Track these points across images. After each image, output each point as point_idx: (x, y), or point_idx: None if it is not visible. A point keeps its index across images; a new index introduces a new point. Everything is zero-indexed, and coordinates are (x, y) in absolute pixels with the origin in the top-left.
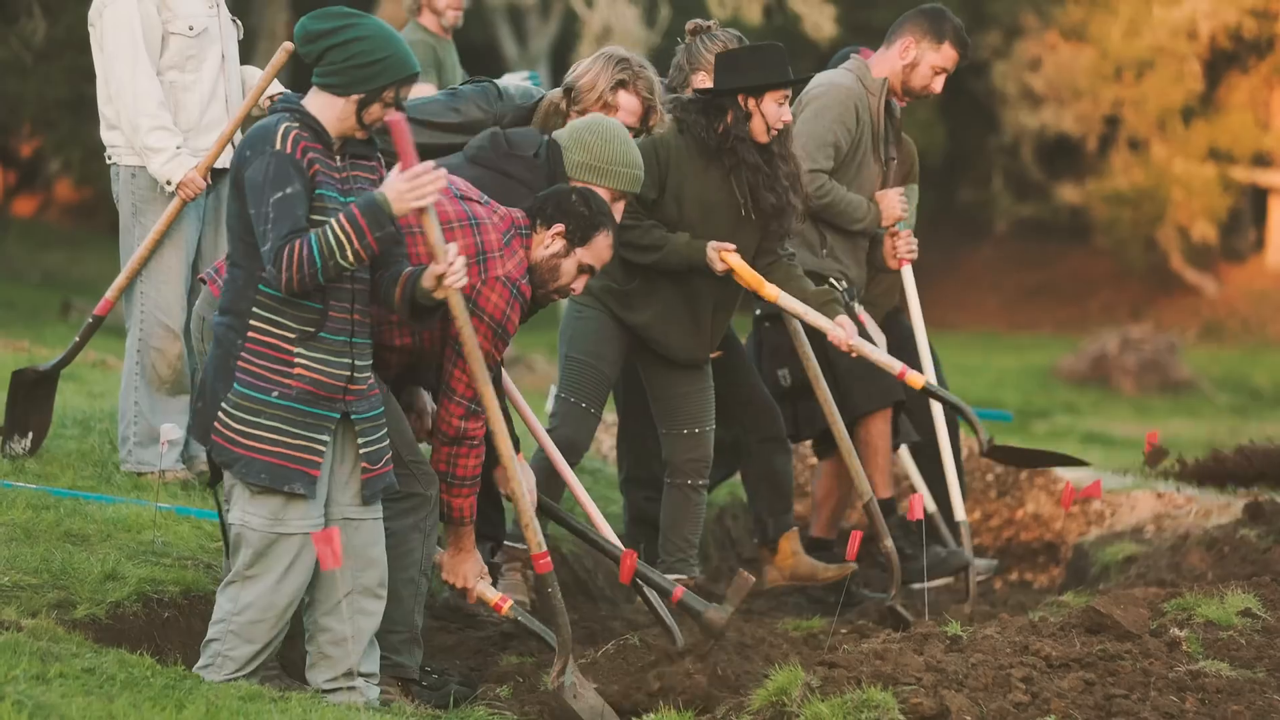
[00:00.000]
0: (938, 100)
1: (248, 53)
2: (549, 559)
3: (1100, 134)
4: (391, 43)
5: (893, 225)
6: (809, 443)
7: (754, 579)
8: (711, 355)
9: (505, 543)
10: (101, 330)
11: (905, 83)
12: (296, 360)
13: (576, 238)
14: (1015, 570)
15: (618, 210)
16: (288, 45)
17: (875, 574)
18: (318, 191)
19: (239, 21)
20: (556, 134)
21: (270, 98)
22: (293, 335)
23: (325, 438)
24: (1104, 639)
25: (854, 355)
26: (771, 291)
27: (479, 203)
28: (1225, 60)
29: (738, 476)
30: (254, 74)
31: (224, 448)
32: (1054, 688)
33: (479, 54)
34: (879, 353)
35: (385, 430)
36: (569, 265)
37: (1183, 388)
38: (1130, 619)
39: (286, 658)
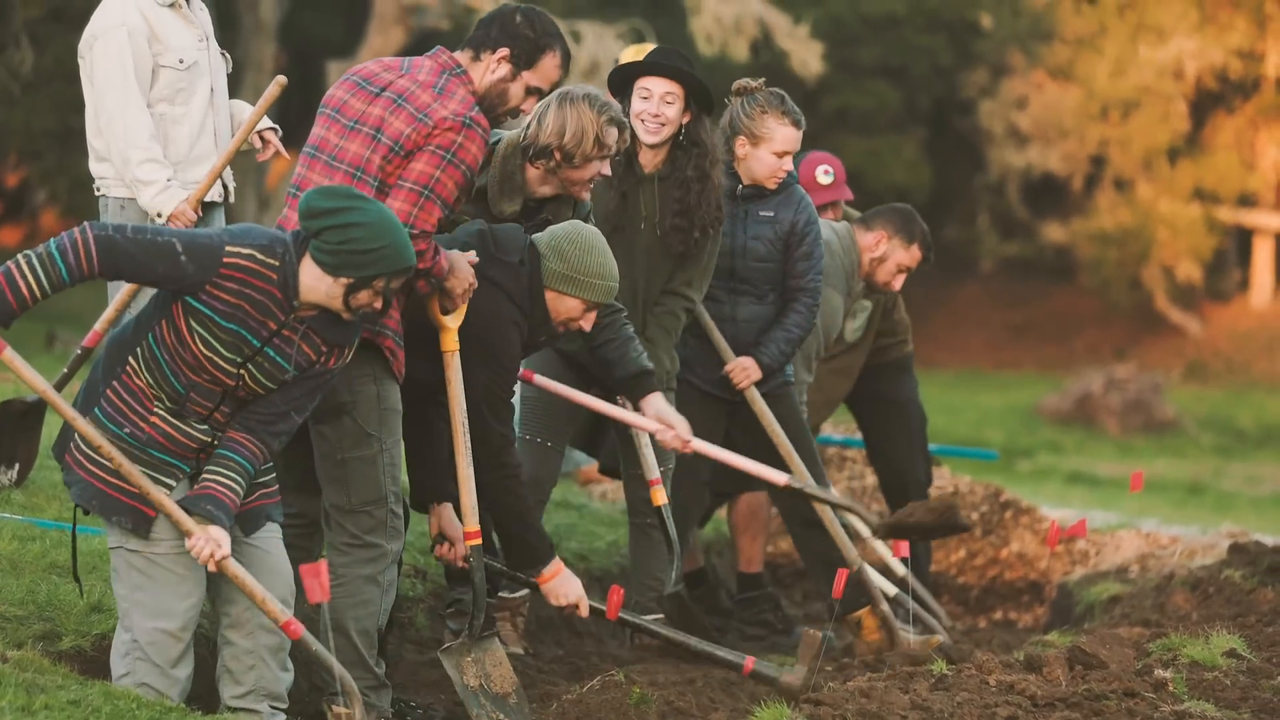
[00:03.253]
0: (924, 138)
1: (235, 86)
2: (296, 625)
3: (1086, 173)
4: (390, 232)
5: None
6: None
7: (820, 635)
8: None
9: (500, 594)
10: (88, 362)
11: (870, 274)
12: (156, 410)
13: (522, 61)
14: (1000, 609)
15: (589, 319)
16: (280, 79)
17: (821, 607)
18: (225, 324)
19: (228, 55)
20: (536, 238)
21: (260, 133)
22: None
23: (171, 482)
24: (1089, 679)
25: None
26: None
27: (398, 74)
28: (1211, 101)
29: (721, 512)
30: (242, 108)
31: (71, 468)
32: None
33: None
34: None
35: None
36: (516, 89)
37: (1167, 428)
38: (1115, 659)
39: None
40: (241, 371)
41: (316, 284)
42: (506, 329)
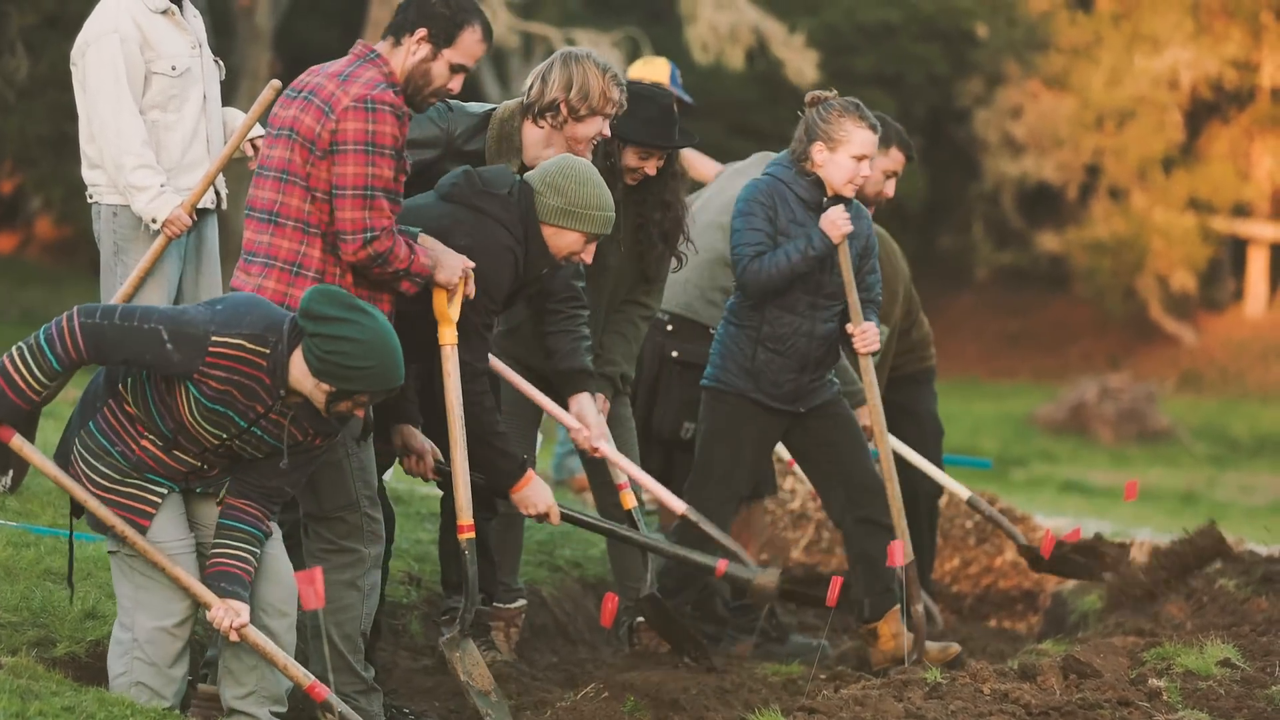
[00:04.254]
0: (919, 147)
1: (229, 93)
2: (320, 688)
3: (1081, 183)
4: (381, 353)
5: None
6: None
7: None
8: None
9: (495, 603)
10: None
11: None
12: (147, 436)
13: (441, 39)
14: (994, 618)
15: (589, 250)
16: (274, 83)
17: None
18: (211, 405)
19: (221, 62)
20: (528, 176)
21: (253, 140)
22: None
23: (162, 489)
24: (1083, 688)
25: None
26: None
27: (316, 75)
28: (1206, 110)
29: None
30: (236, 115)
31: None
32: None
33: (460, 95)
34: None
35: None
36: (439, 68)
37: (1161, 437)
38: (1110, 668)
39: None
40: (229, 443)
41: (303, 379)
42: (500, 255)
